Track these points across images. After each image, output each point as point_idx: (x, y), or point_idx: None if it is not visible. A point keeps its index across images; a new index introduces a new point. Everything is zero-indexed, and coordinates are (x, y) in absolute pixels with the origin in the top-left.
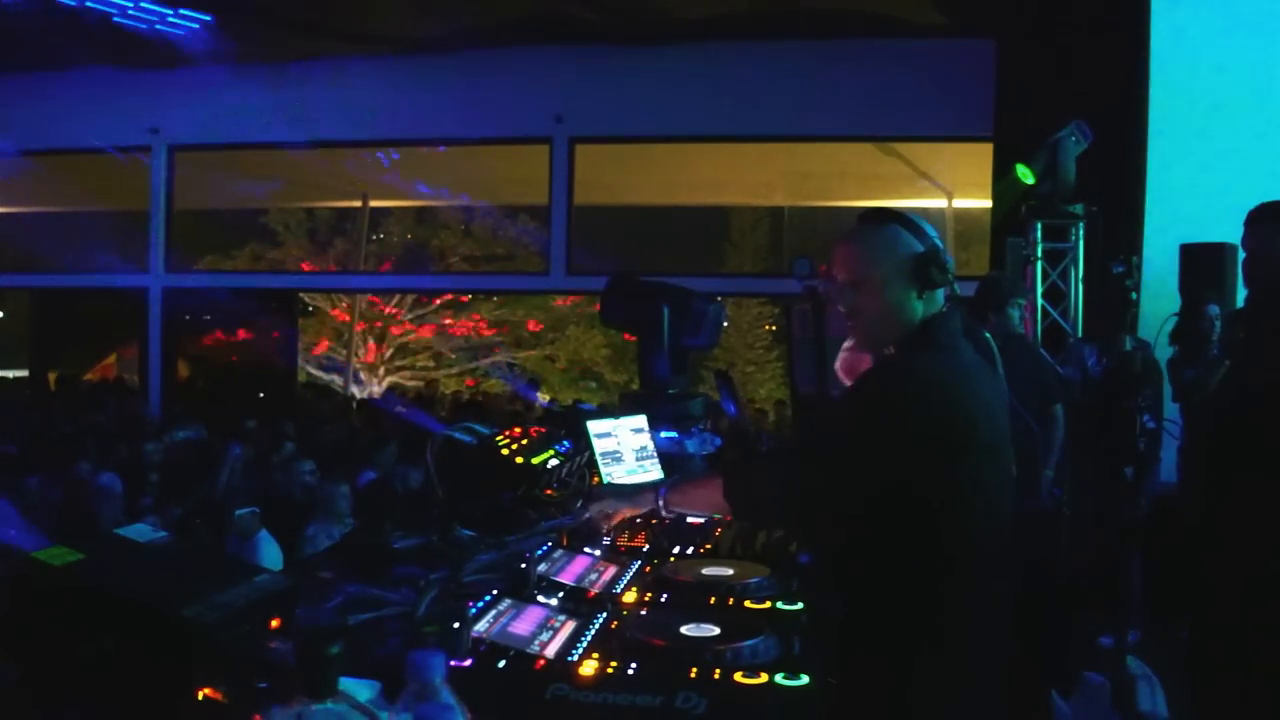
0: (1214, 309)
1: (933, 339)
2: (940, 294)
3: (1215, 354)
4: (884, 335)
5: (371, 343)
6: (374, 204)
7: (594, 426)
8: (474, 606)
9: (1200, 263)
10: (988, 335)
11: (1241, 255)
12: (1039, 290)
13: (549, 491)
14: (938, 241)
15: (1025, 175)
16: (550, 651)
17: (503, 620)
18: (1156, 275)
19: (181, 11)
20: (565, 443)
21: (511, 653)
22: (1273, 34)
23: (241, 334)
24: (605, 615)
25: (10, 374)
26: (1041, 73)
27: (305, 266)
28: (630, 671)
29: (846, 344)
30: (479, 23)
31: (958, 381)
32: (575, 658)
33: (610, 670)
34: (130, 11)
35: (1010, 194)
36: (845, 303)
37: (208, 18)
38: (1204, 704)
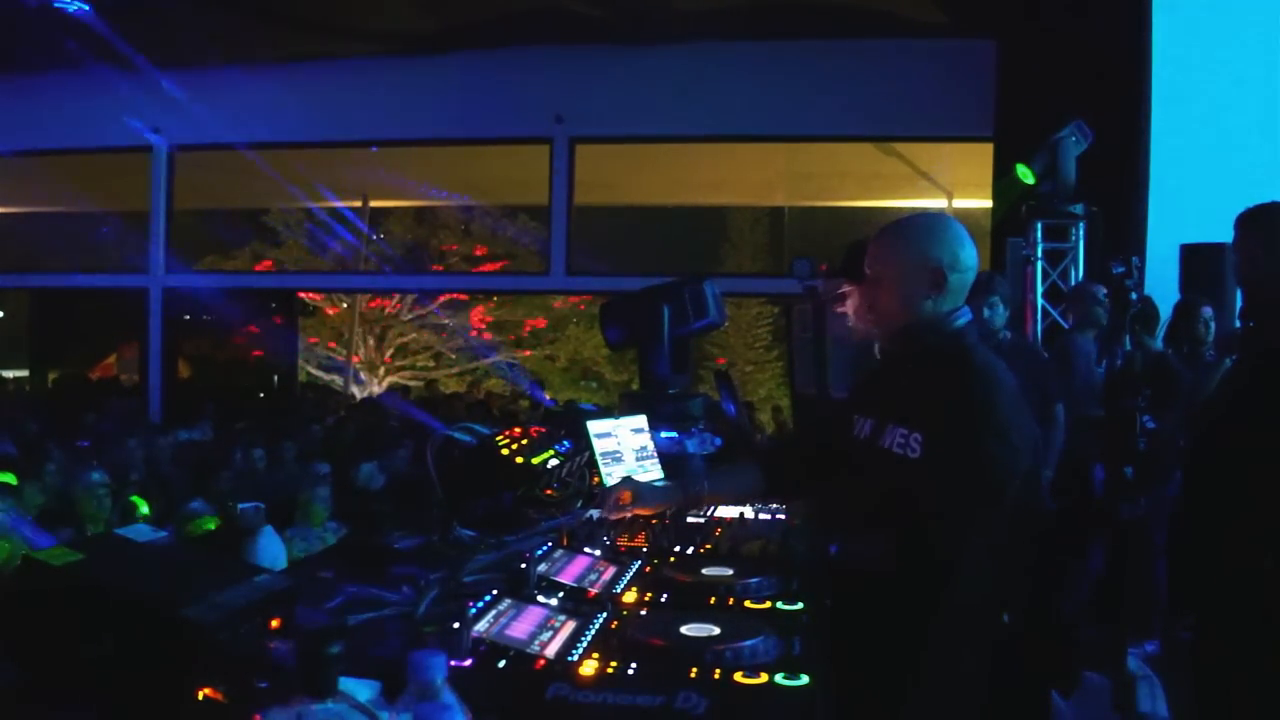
0: (1208, 311)
1: (965, 341)
2: (960, 296)
3: (1211, 357)
4: (892, 328)
5: (371, 342)
6: (374, 204)
7: (594, 426)
8: (474, 606)
9: (1201, 263)
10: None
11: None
12: (1039, 290)
13: (549, 491)
14: (959, 249)
15: (1025, 175)
16: (550, 651)
17: (503, 620)
18: (1158, 276)
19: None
20: (565, 443)
21: (511, 653)
22: (1274, 33)
23: (241, 334)
24: (605, 615)
25: (10, 374)
26: (1042, 73)
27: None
28: (630, 671)
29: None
30: (478, 21)
31: (1008, 376)
32: (575, 658)
33: (610, 670)
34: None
35: (1010, 194)
36: (866, 296)
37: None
38: (1208, 703)
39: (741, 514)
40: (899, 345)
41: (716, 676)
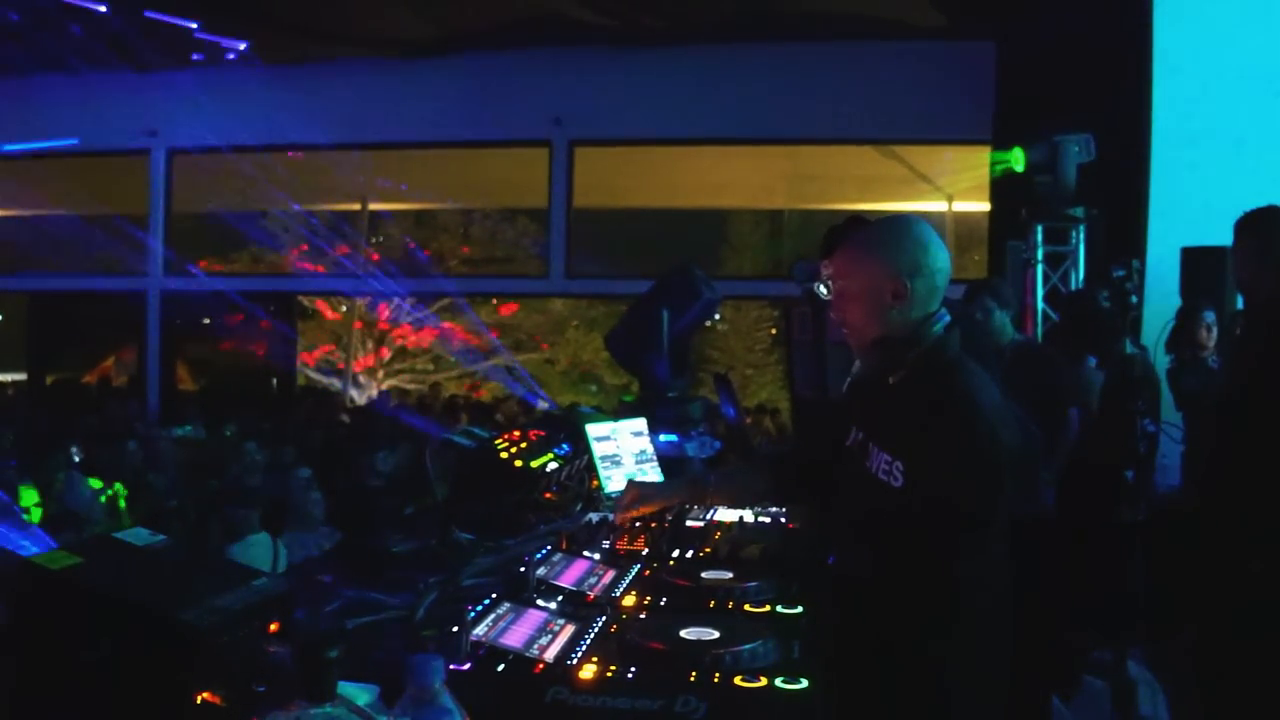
0: (1210, 315)
1: (944, 354)
2: (932, 300)
3: (1214, 362)
4: (865, 342)
5: (370, 349)
6: (373, 207)
7: (593, 430)
8: (473, 610)
9: (1201, 266)
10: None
11: None
12: (1039, 294)
13: (548, 495)
14: (921, 254)
15: (1016, 161)
16: (549, 655)
17: (502, 624)
18: (1159, 279)
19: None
20: (564, 446)
21: (510, 656)
22: (1275, 35)
23: (239, 337)
24: (604, 619)
25: (8, 377)
26: (1042, 75)
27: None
28: (630, 675)
29: None
30: (478, 25)
31: (992, 390)
32: (574, 661)
33: (609, 674)
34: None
35: (997, 170)
36: (835, 313)
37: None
38: (1210, 706)
39: (741, 518)
40: (875, 360)
41: (716, 680)
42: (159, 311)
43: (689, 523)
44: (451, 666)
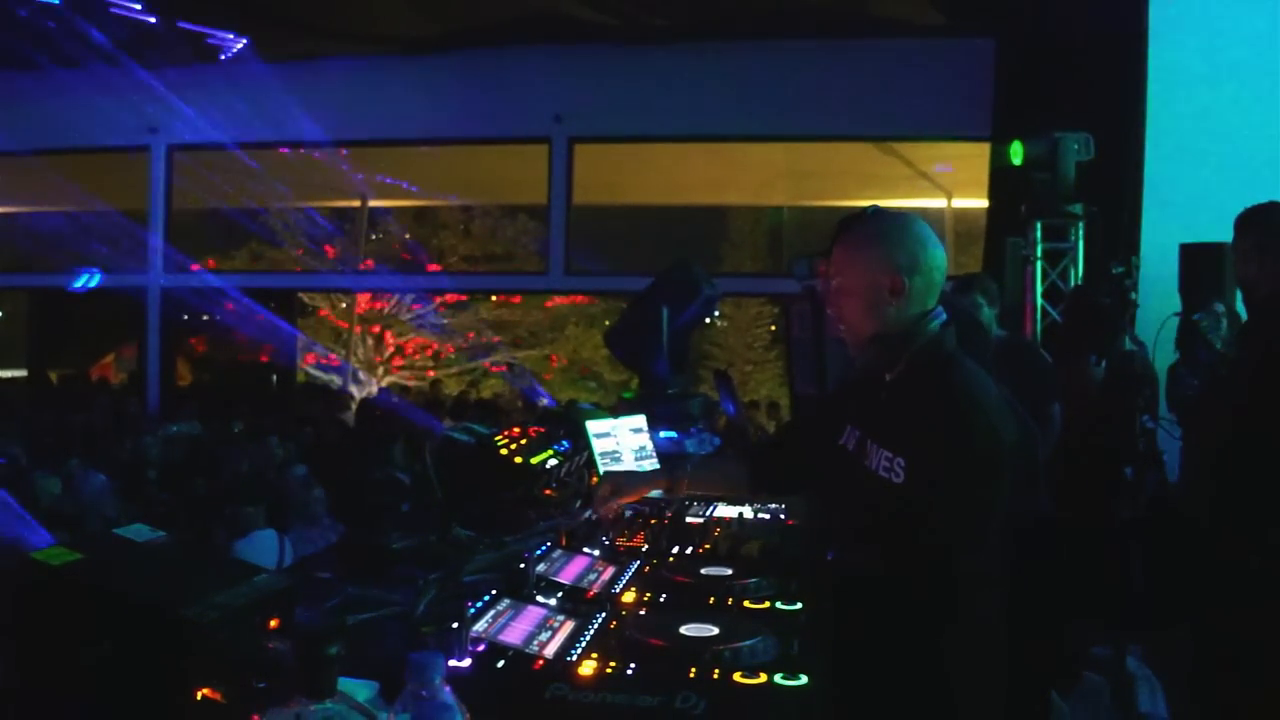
0: (1220, 306)
1: (940, 350)
2: (928, 298)
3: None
4: (861, 338)
5: (370, 346)
6: (373, 204)
7: (593, 426)
8: (473, 606)
9: (1200, 263)
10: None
11: None
12: (1038, 290)
13: (548, 491)
14: (920, 251)
15: (1015, 154)
16: (549, 651)
17: (501, 620)
18: (1158, 277)
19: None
20: (564, 442)
21: (510, 653)
22: (1273, 33)
23: (239, 333)
24: (604, 615)
25: (8, 374)
26: (1041, 73)
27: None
28: (629, 671)
29: None
30: (478, 23)
31: (989, 385)
32: (574, 658)
33: (609, 670)
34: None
35: (999, 161)
36: (833, 307)
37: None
38: (1206, 705)
39: (740, 514)
40: (872, 357)
41: (715, 676)
42: (159, 308)
43: (688, 519)
44: (451, 663)
